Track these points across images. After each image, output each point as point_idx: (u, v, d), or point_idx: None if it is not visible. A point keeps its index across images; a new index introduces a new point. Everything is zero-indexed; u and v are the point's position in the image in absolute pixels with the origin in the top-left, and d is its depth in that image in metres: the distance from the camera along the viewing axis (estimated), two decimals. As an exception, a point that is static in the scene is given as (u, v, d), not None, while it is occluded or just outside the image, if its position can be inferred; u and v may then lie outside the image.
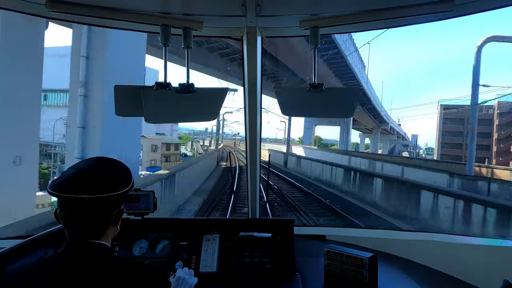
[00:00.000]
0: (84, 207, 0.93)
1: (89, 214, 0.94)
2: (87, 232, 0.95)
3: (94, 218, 0.96)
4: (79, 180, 0.93)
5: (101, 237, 0.98)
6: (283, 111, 1.68)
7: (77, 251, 0.93)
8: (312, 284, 1.72)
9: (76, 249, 0.94)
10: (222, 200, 11.59)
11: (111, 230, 1.02)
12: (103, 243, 0.98)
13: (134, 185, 1.07)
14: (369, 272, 1.57)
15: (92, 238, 0.96)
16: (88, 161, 1.04)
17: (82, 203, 0.92)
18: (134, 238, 1.89)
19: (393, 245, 2.17)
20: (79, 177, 0.94)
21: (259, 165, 2.11)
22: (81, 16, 1.35)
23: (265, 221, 2.06)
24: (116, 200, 1.00)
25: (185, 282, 1.29)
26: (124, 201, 1.06)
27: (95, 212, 0.95)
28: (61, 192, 0.91)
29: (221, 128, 47.10)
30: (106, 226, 0.99)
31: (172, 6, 1.36)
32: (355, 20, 1.34)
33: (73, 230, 0.95)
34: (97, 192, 0.93)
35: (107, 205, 0.98)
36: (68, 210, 0.94)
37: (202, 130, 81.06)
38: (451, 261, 1.89)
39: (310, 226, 2.48)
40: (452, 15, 1.27)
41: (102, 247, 0.97)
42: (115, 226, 1.03)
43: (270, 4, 1.28)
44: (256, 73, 1.63)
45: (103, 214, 0.98)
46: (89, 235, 0.95)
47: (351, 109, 1.62)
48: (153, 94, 1.52)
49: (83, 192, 0.91)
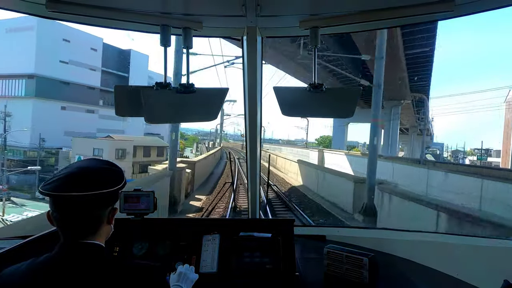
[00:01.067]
0: (76, 205, 0.93)
1: (81, 212, 0.94)
2: (80, 231, 0.95)
3: (87, 217, 0.95)
4: (70, 179, 0.93)
5: (94, 236, 0.97)
6: (283, 111, 1.68)
7: (70, 252, 0.93)
8: (312, 284, 1.72)
9: (69, 250, 0.93)
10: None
11: (105, 230, 1.01)
12: (97, 243, 0.97)
13: (126, 184, 1.07)
14: (369, 272, 1.57)
15: (86, 238, 0.95)
16: (80, 162, 1.04)
17: (74, 202, 0.92)
18: (134, 238, 1.89)
19: (393, 245, 2.17)
20: (70, 177, 0.94)
21: (259, 165, 2.11)
22: (81, 16, 1.35)
23: (265, 221, 2.06)
24: (108, 198, 1.00)
25: (186, 277, 1.32)
26: (117, 200, 1.06)
27: (87, 210, 0.95)
28: (53, 191, 0.91)
29: (219, 129, 44.17)
30: (99, 225, 0.98)
31: (172, 6, 1.36)
32: (355, 20, 1.34)
33: (66, 230, 0.95)
34: (88, 190, 0.93)
35: (100, 203, 0.97)
36: (61, 209, 0.93)
37: (209, 131, 76.01)
38: (451, 261, 1.89)
39: (310, 226, 2.48)
40: (452, 15, 1.27)
41: (96, 247, 0.96)
42: (108, 225, 1.03)
43: (270, 4, 1.28)
44: (256, 73, 1.63)
45: (96, 213, 0.97)
46: (82, 234, 0.95)
47: (351, 109, 1.62)
48: (153, 94, 1.52)
49: (74, 190, 0.91)
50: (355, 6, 1.30)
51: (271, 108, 3.83)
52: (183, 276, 1.32)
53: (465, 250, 1.86)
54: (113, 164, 1.07)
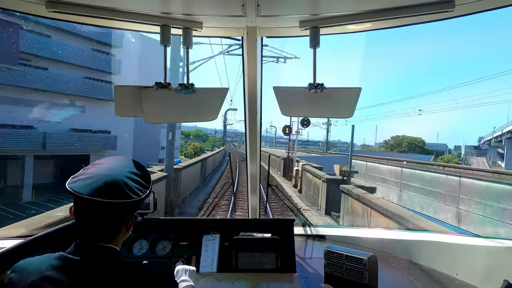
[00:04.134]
0: (99, 210, 0.91)
1: (103, 217, 0.93)
2: (99, 235, 0.94)
3: (108, 222, 0.94)
4: (97, 182, 0.91)
5: (112, 241, 0.96)
6: (282, 111, 1.68)
7: (89, 254, 0.92)
8: (312, 284, 1.72)
9: (87, 251, 0.93)
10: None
11: (123, 235, 1.00)
12: (113, 247, 0.96)
13: (151, 192, 1.05)
14: (369, 272, 1.57)
15: (104, 242, 0.94)
16: (109, 162, 1.01)
17: (97, 206, 0.90)
18: (134, 238, 1.88)
19: (393, 245, 2.17)
20: (97, 179, 0.92)
21: (259, 165, 2.11)
22: (81, 16, 1.35)
23: (265, 221, 2.06)
24: (132, 207, 0.98)
25: (185, 269, 1.35)
26: (139, 208, 1.04)
27: (110, 216, 0.94)
28: (78, 192, 0.89)
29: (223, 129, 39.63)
30: (118, 231, 0.98)
31: (172, 6, 1.36)
32: (355, 20, 1.34)
33: (85, 231, 0.94)
34: (113, 197, 0.91)
35: (123, 211, 0.96)
36: (83, 211, 0.92)
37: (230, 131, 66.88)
38: (451, 261, 1.89)
39: (310, 226, 2.48)
40: (452, 15, 1.27)
41: (113, 251, 0.96)
42: (127, 231, 1.02)
43: (270, 4, 1.28)
44: (256, 73, 1.63)
45: (117, 219, 0.96)
46: (101, 238, 0.94)
47: (351, 109, 1.62)
48: (153, 94, 1.52)
49: (100, 195, 0.89)
50: (355, 6, 1.30)
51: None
52: (182, 270, 1.35)
53: (465, 250, 1.85)
54: (143, 168, 1.04)
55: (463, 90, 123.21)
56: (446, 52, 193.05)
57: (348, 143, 26.29)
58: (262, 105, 1.90)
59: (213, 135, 74.00)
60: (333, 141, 73.80)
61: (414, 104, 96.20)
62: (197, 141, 59.95)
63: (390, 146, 54.30)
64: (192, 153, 42.12)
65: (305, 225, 2.49)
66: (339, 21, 1.35)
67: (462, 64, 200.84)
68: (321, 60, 1.49)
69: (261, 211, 2.39)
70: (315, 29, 1.40)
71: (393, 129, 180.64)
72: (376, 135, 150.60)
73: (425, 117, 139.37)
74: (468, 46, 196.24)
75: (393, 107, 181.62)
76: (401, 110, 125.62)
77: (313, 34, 1.41)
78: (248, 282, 1.64)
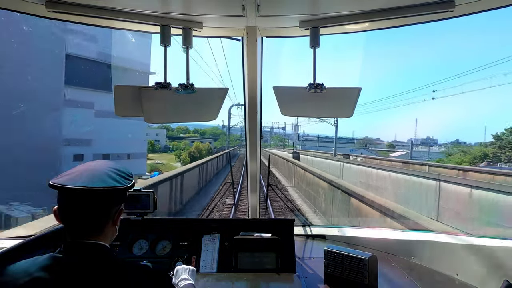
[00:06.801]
0: (83, 200, 0.93)
1: (87, 208, 0.94)
2: (85, 229, 0.95)
3: (92, 213, 0.95)
4: (81, 176, 0.94)
5: (99, 236, 0.97)
6: (282, 111, 1.68)
7: (76, 252, 0.93)
8: (312, 284, 1.72)
9: (75, 249, 0.93)
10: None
11: (110, 230, 1.01)
12: (101, 243, 0.97)
13: (134, 185, 1.07)
14: (369, 272, 1.57)
15: (91, 238, 0.95)
16: (90, 163, 1.04)
17: (81, 196, 0.92)
18: (134, 238, 1.88)
19: (393, 245, 2.16)
20: (81, 174, 0.95)
21: (259, 165, 2.11)
22: (81, 16, 1.35)
23: (265, 221, 2.06)
24: (115, 197, 0.99)
25: (185, 269, 1.35)
26: (124, 201, 1.06)
27: (93, 206, 0.95)
28: (62, 184, 0.91)
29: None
30: (104, 225, 0.98)
31: (172, 6, 1.36)
32: (355, 20, 1.34)
33: (71, 227, 0.95)
34: (97, 185, 0.93)
35: (106, 201, 0.97)
36: (67, 203, 0.94)
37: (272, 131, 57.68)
38: (451, 261, 1.89)
39: (310, 226, 2.48)
40: (452, 15, 1.27)
41: (101, 247, 0.96)
42: (114, 226, 1.02)
43: (270, 4, 1.27)
44: (256, 73, 1.63)
45: (102, 211, 0.97)
46: (87, 233, 0.95)
47: (351, 109, 1.62)
48: (153, 94, 1.53)
49: (84, 184, 0.91)
50: (355, 6, 1.30)
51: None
52: (181, 270, 1.35)
53: (465, 250, 1.85)
54: (123, 167, 1.07)
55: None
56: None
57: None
58: (262, 105, 1.90)
59: (232, 134, 65.35)
60: (369, 137, 61.09)
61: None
62: (207, 141, 54.67)
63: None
64: (187, 160, 36.64)
65: (305, 225, 2.49)
66: (339, 21, 1.35)
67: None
68: (321, 60, 1.49)
69: (262, 211, 2.39)
70: (315, 29, 1.40)
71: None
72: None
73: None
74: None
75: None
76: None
77: (313, 34, 1.41)
78: (248, 282, 1.64)
